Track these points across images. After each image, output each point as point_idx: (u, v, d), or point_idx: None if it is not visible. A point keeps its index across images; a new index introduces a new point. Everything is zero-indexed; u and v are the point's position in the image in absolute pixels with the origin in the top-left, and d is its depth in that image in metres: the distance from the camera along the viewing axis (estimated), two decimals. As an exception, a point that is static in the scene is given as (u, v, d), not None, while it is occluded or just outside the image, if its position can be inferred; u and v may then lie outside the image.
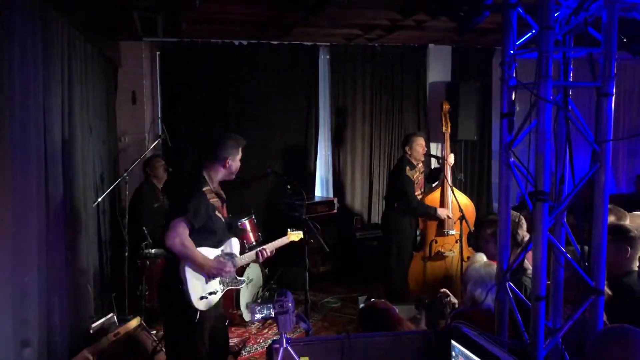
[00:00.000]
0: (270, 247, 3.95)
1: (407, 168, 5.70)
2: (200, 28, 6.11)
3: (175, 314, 3.45)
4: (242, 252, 3.80)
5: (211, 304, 3.48)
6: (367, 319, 3.26)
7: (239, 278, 3.73)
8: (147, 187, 5.78)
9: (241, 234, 5.45)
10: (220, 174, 3.57)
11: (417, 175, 5.78)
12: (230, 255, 3.60)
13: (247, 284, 5.46)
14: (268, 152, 6.98)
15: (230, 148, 3.55)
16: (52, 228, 3.50)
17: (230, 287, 3.65)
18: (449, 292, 3.83)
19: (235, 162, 3.59)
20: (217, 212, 3.51)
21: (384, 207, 6.38)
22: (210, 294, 3.46)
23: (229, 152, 3.54)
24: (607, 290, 2.78)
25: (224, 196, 3.68)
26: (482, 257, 3.51)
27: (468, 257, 5.25)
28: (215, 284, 3.50)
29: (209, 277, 3.45)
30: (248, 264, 5.43)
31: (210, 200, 3.45)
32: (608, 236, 3.18)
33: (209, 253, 3.47)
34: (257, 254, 3.84)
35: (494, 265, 3.31)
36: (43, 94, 3.36)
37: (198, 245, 3.38)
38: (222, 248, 3.56)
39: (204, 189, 3.45)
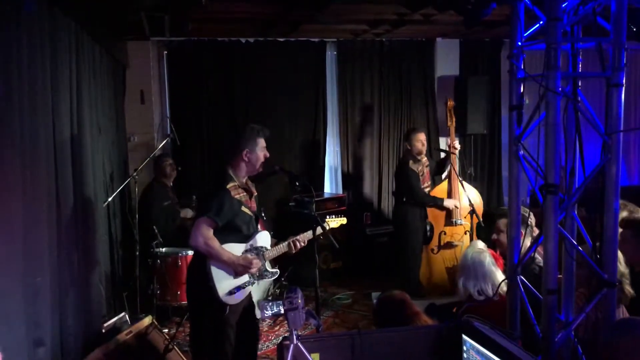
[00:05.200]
0: (302, 238, 3.82)
1: (411, 162, 5.77)
2: (207, 27, 6.12)
3: (203, 309, 3.45)
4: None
5: (241, 298, 3.47)
6: (383, 309, 3.23)
7: (271, 270, 3.68)
8: (157, 185, 5.81)
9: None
10: (242, 168, 3.51)
11: (421, 169, 5.82)
12: (258, 249, 3.58)
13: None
14: (277, 149, 6.91)
15: (247, 139, 3.48)
16: (63, 228, 3.52)
17: (262, 280, 3.63)
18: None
19: (254, 153, 3.49)
20: (243, 208, 3.47)
21: (394, 203, 6.40)
22: (239, 288, 3.44)
23: (246, 144, 3.47)
24: (629, 289, 2.75)
25: (253, 190, 3.63)
26: (481, 244, 3.49)
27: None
28: (245, 278, 3.49)
29: (237, 273, 3.44)
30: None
31: (236, 196, 3.41)
32: (629, 231, 3.16)
33: (236, 249, 3.45)
34: (289, 244, 3.73)
35: (486, 254, 3.29)
36: (51, 95, 3.37)
37: (224, 241, 3.37)
38: (250, 242, 3.54)
39: (229, 185, 3.40)
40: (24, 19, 2.95)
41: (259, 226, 5.55)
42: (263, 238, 3.64)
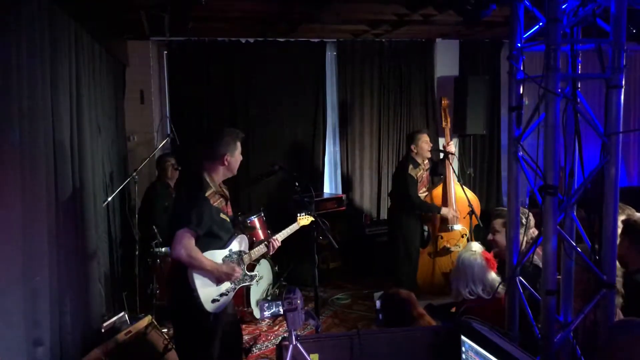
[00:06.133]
0: (280, 236, 3.86)
1: (411, 167, 5.72)
2: (207, 26, 6.13)
3: (187, 319, 3.40)
4: (251, 248, 3.74)
5: (224, 305, 3.45)
6: (388, 306, 3.22)
7: (250, 274, 3.66)
8: (159, 185, 5.81)
9: (250, 232, 5.44)
10: (220, 173, 3.46)
11: (420, 174, 5.79)
12: (239, 254, 3.56)
13: (257, 280, 5.47)
14: (276, 149, 6.98)
15: (226, 144, 3.41)
16: (63, 228, 3.52)
17: (242, 285, 3.62)
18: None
19: (234, 157, 3.45)
20: (221, 214, 3.43)
21: (389, 204, 6.40)
22: (222, 295, 3.41)
23: (226, 149, 3.41)
24: (620, 289, 2.75)
25: (228, 194, 3.59)
26: (476, 246, 3.50)
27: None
28: (227, 285, 3.46)
29: (219, 281, 3.42)
30: (258, 261, 5.43)
31: (214, 204, 3.36)
32: (626, 232, 3.17)
33: (217, 255, 3.41)
34: (266, 244, 3.76)
35: (477, 255, 3.31)
36: (51, 94, 3.37)
37: (205, 249, 3.32)
38: (230, 247, 3.50)
39: (207, 193, 3.34)
40: (24, 17, 2.95)
41: (256, 222, 5.56)
42: (241, 242, 3.60)
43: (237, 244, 3.58)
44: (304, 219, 4.24)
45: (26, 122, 2.95)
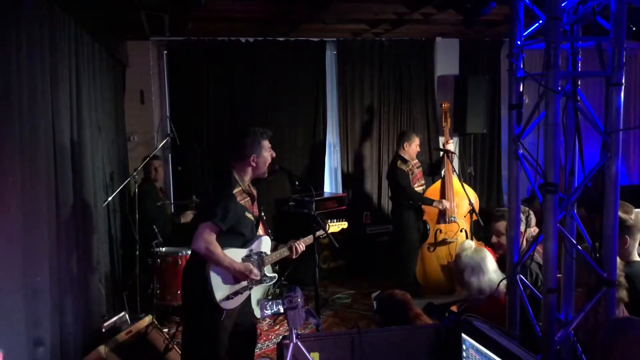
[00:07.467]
0: (303, 242, 3.80)
1: (399, 162, 5.88)
2: (206, 26, 6.13)
3: (197, 313, 3.40)
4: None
5: (237, 303, 3.44)
6: (385, 309, 3.22)
7: (269, 275, 3.64)
8: (146, 186, 5.82)
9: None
10: (248, 172, 3.47)
11: (410, 168, 5.91)
12: (259, 255, 3.54)
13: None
14: (276, 149, 6.83)
15: (251, 145, 3.42)
16: (63, 228, 3.52)
17: (259, 285, 3.60)
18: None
19: (261, 157, 3.45)
20: (247, 213, 3.44)
21: (392, 206, 6.44)
22: (236, 293, 3.40)
23: (252, 149, 3.42)
24: (623, 282, 2.74)
25: (255, 194, 3.60)
26: (470, 244, 3.50)
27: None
28: (243, 284, 3.44)
29: (235, 279, 3.41)
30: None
31: (241, 202, 3.38)
32: None
33: (236, 254, 3.40)
34: (289, 249, 3.72)
35: (484, 249, 3.31)
36: (51, 95, 3.37)
37: (225, 246, 3.32)
38: (251, 247, 3.50)
39: (235, 190, 3.36)
40: (24, 17, 2.95)
41: (260, 229, 5.56)
42: (264, 243, 3.60)
43: (259, 245, 3.57)
44: (334, 226, 4.21)
45: (26, 123, 2.95)
